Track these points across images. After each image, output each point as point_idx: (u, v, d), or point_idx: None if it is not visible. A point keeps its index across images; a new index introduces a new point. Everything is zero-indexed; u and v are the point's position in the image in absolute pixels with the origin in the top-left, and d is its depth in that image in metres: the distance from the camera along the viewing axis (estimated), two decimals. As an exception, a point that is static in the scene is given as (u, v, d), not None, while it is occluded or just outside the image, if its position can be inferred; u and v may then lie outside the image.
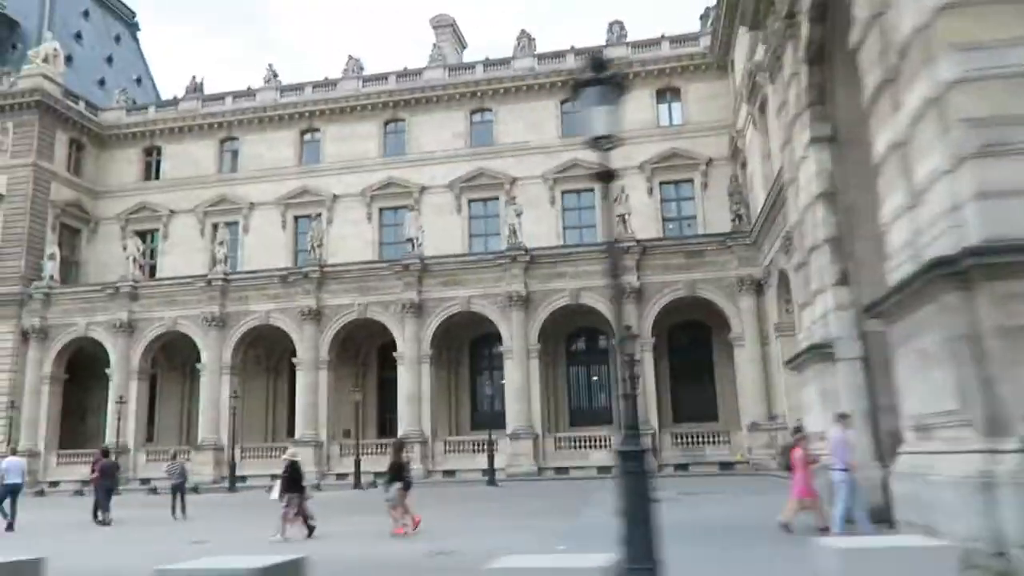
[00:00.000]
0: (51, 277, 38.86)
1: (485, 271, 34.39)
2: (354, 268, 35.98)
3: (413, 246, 35.06)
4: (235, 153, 43.64)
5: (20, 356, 38.12)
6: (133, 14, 55.60)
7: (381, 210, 40.84)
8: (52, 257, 39.19)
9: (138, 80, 53.09)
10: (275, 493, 14.32)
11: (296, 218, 41.83)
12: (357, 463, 31.66)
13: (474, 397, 38.61)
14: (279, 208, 41.73)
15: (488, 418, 32.50)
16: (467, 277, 34.46)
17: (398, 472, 13.92)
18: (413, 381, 33.78)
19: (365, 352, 39.14)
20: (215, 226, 42.38)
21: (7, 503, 17.90)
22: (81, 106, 43.31)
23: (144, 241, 42.87)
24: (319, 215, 41.16)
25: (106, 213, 43.82)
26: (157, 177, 44.06)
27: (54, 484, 36.23)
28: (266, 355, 39.61)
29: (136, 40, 55.38)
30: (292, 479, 14.09)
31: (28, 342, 38.12)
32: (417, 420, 33.38)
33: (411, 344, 34.02)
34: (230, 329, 36.43)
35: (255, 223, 41.92)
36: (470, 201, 40.01)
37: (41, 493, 35.15)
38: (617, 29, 39.97)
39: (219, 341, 36.25)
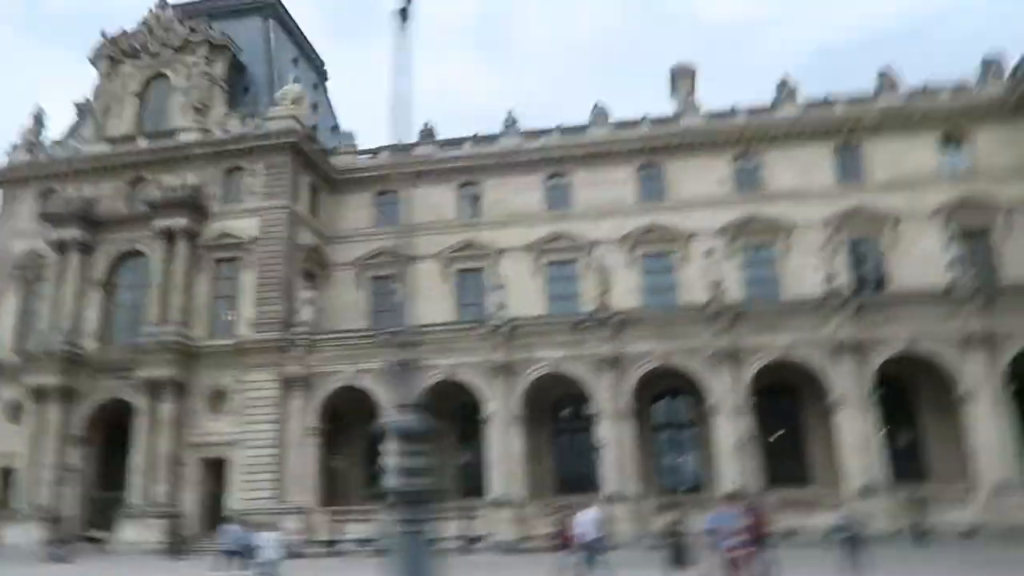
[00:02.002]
0: (308, 323, 37.30)
1: (802, 317, 32.76)
2: (655, 314, 34.36)
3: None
4: (475, 198, 42.58)
5: (282, 406, 36.26)
6: (323, 63, 55.47)
7: (644, 255, 39.44)
8: (310, 302, 37.74)
9: (334, 128, 52.50)
10: None
11: (549, 263, 40.47)
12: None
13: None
14: (531, 254, 40.39)
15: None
16: (785, 323, 32.78)
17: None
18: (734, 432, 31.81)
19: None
20: (459, 272, 41.21)
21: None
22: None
23: (379, 288, 41.74)
24: (575, 260, 39.99)
25: (340, 259, 42.55)
26: (392, 222, 42.87)
27: (330, 544, 33.89)
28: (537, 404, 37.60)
29: (326, 89, 55.08)
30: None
31: (291, 391, 36.31)
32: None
33: (729, 395, 32.16)
34: (516, 377, 34.62)
35: (503, 269, 40.51)
36: (744, 247, 38.62)
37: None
38: (887, 77, 39.29)
39: (504, 389, 34.40)
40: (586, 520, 16.42)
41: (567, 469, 37.60)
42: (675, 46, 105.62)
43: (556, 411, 37.92)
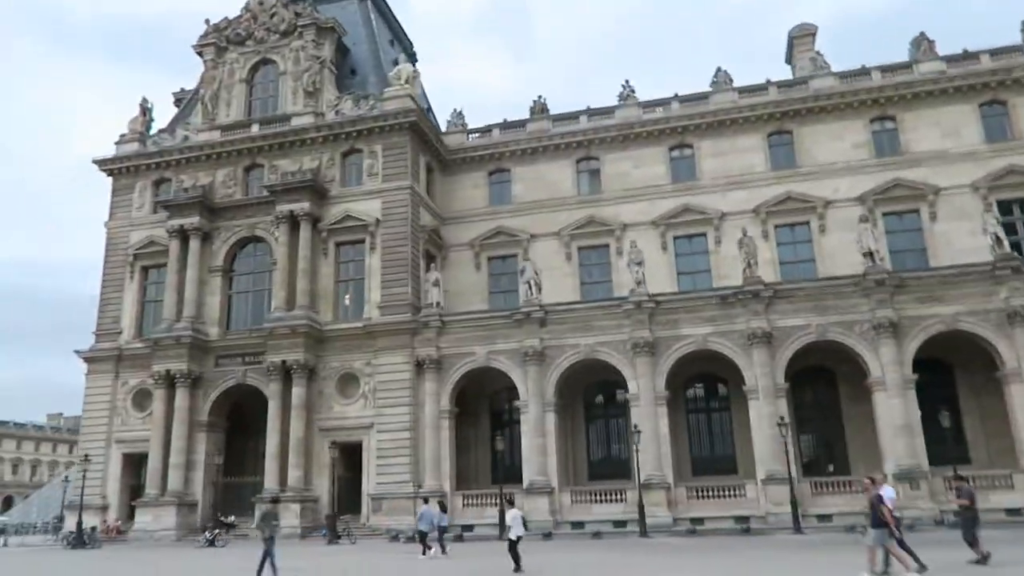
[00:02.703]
0: (437, 304, 36.47)
1: (969, 285, 30.90)
2: (808, 286, 32.74)
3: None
4: (593, 173, 41.29)
5: (416, 388, 35.51)
6: (412, 44, 54.58)
7: (776, 227, 37.83)
8: (436, 284, 36.88)
9: (427, 109, 51.55)
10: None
11: (675, 238, 39.06)
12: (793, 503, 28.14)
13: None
14: (657, 229, 39.01)
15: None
16: (949, 292, 30.97)
17: None
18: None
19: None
20: (580, 249, 40.08)
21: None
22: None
23: (497, 268, 40.91)
24: (703, 234, 38.60)
25: (455, 239, 41.65)
26: (507, 201, 41.81)
27: (467, 528, 33.09)
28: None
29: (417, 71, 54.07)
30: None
31: (423, 373, 35.54)
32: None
33: (891, 370, 30.50)
34: (660, 356, 33.36)
35: (627, 245, 39.12)
36: (884, 214, 36.77)
37: (460, 538, 32.14)
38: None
39: (650, 368, 33.16)
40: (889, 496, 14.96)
41: (701, 450, 36.41)
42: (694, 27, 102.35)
43: (686, 391, 36.65)
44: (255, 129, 41.23)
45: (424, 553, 22.47)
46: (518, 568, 16.61)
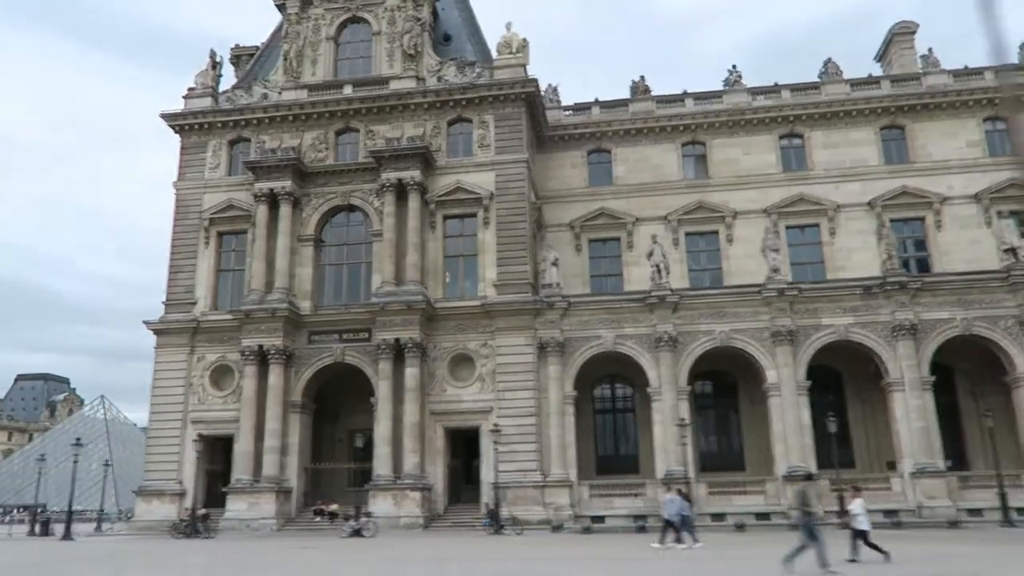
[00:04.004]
0: (557, 284, 34.79)
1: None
2: (955, 279, 32.61)
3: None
4: (699, 158, 40.28)
5: (538, 372, 33.72)
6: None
7: (892, 220, 37.63)
8: (555, 263, 35.19)
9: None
10: None
11: (787, 228, 38.45)
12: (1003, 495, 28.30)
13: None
14: (769, 217, 38.27)
15: None
16: (1094, 291, 31.35)
17: None
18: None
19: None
20: (687, 235, 39.09)
21: None
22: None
23: (598, 251, 39.55)
24: (816, 225, 38.19)
25: (554, 219, 39.91)
26: (608, 182, 40.37)
27: (597, 520, 31.63)
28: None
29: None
30: None
31: (545, 356, 33.80)
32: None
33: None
34: (800, 346, 32.64)
35: (740, 232, 38.40)
36: (998, 214, 37.07)
37: (587, 530, 30.74)
38: None
39: (789, 358, 32.40)
40: None
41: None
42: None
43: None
44: (348, 90, 38.48)
45: (679, 543, 20.95)
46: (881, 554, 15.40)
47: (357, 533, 27.55)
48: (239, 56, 44.93)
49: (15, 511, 73.71)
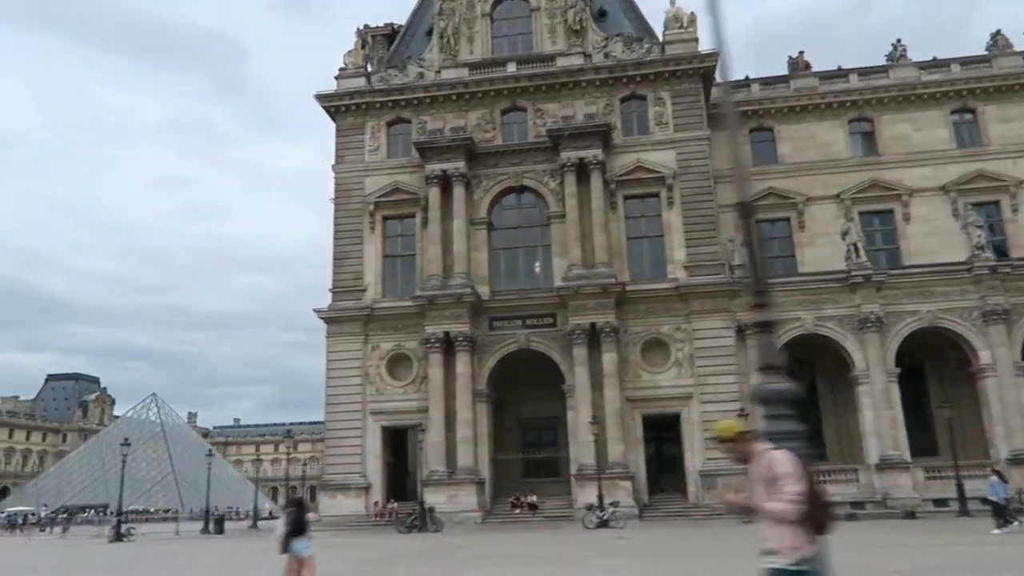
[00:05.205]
0: (741, 266, 33.70)
1: None
2: None
3: None
4: (866, 135, 39.18)
5: (739, 356, 32.72)
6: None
7: (1076, 197, 36.73)
8: (744, 243, 34.00)
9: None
10: None
11: (967, 205, 37.43)
12: None
13: None
14: (948, 195, 37.28)
15: None
16: None
17: None
18: None
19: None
20: (861, 214, 37.95)
21: None
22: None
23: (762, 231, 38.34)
24: (997, 202, 37.23)
25: (721, 199, 38.60)
26: (773, 160, 39.24)
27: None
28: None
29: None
30: None
31: (744, 339, 32.77)
32: None
33: None
34: (1014, 325, 31.73)
35: (917, 211, 37.39)
36: None
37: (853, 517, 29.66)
38: None
39: (1005, 338, 31.49)
40: None
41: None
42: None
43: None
44: (511, 68, 37.22)
45: (1005, 525, 20.04)
46: None
47: (604, 524, 26.50)
48: (370, 35, 43.44)
49: (87, 511, 71.92)
